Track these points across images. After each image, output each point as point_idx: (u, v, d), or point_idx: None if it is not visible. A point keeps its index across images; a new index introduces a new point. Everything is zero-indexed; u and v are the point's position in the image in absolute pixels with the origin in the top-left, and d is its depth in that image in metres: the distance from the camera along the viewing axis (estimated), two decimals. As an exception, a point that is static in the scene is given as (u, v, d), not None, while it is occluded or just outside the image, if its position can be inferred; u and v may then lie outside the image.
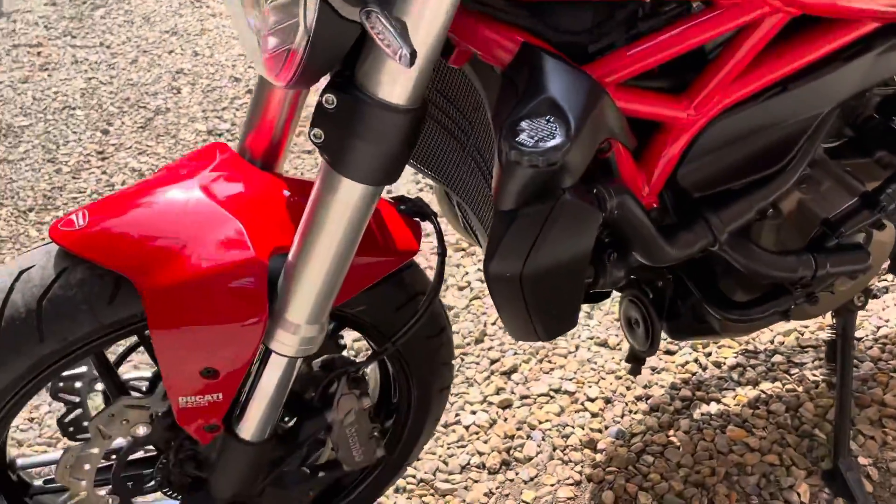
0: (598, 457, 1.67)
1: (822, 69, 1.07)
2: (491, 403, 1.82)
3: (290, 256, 0.95)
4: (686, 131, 1.03)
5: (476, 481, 1.65)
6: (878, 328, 1.94)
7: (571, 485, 1.62)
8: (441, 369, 1.32)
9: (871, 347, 1.88)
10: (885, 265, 1.42)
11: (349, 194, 0.88)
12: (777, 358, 1.86)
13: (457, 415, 1.80)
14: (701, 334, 1.42)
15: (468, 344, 1.99)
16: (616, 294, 1.40)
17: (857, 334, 1.92)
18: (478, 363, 1.94)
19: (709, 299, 1.31)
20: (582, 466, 1.65)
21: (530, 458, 1.68)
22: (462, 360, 1.96)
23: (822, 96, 1.09)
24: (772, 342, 1.92)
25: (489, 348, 1.97)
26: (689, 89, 1.02)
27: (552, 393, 1.83)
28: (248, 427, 1.07)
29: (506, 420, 1.78)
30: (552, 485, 1.62)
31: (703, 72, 1.00)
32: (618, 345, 1.93)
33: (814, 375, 1.81)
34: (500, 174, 0.84)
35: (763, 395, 1.77)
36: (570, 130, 0.82)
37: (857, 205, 1.20)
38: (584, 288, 0.96)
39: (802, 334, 1.92)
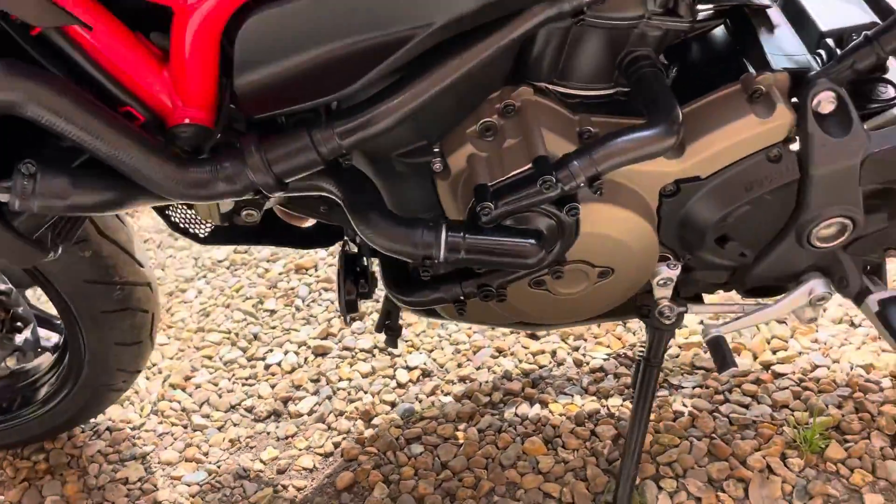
0: (367, 432, 1.42)
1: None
2: (308, 347, 1.62)
3: None
4: (188, 19, 0.76)
5: (235, 425, 1.48)
6: (815, 367, 1.47)
7: (319, 455, 1.40)
8: (92, 289, 1.16)
9: (784, 388, 1.43)
10: (662, 271, 1.01)
11: None
12: (651, 373, 1.47)
13: (270, 350, 1.63)
14: (435, 314, 1.12)
15: (339, 280, 1.79)
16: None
17: (782, 369, 1.47)
18: (332, 302, 1.74)
19: (385, 271, 1.03)
20: (343, 438, 1.42)
21: (299, 416, 1.48)
22: (320, 294, 1.77)
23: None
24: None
25: (354, 289, 1.75)
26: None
27: (375, 351, 1.60)
28: None
29: (308, 369, 1.57)
30: (300, 449, 1.41)
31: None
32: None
33: (682, 405, 1.42)
34: None
35: (601, 413, 1.41)
36: None
37: (525, 175, 0.85)
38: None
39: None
